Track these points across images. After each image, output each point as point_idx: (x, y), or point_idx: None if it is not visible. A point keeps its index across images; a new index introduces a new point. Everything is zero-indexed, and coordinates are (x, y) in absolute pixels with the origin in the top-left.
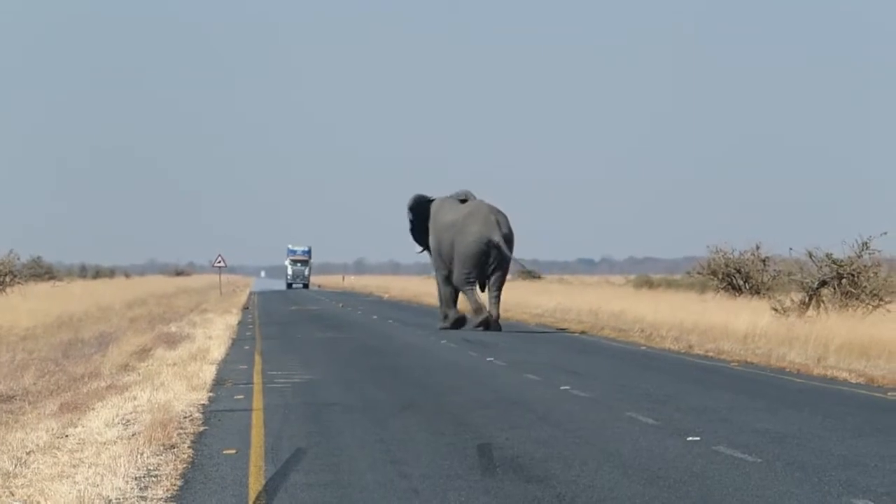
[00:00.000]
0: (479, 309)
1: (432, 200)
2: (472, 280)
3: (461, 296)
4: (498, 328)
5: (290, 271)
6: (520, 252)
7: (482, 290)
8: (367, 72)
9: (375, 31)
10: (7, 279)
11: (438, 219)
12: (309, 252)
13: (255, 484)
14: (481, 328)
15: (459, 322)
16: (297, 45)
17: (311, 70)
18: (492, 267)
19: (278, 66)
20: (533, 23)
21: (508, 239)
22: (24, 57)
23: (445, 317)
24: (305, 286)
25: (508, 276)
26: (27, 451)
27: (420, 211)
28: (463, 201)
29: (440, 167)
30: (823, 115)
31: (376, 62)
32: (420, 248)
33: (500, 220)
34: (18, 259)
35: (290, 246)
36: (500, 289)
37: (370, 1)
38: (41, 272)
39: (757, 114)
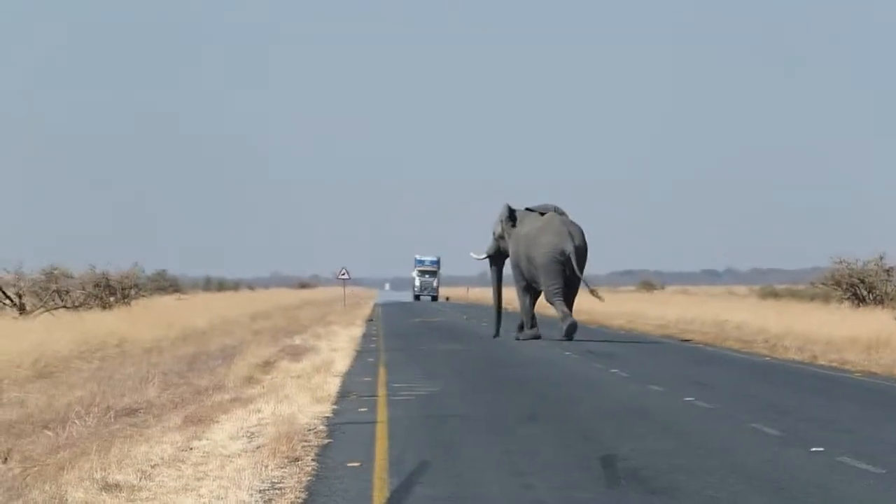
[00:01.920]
0: (564, 316)
1: (515, 211)
2: (557, 290)
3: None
4: (570, 338)
5: (417, 282)
6: (644, 263)
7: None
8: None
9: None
10: (132, 292)
11: (517, 230)
12: (438, 262)
13: (379, 496)
14: (566, 338)
15: (535, 337)
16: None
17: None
18: (566, 275)
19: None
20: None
21: (581, 251)
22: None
23: (522, 328)
24: (434, 298)
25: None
26: (152, 464)
27: (512, 222)
28: (543, 214)
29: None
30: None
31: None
32: (482, 256)
33: (574, 231)
34: (143, 272)
35: (417, 256)
36: (573, 297)
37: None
38: (165, 285)
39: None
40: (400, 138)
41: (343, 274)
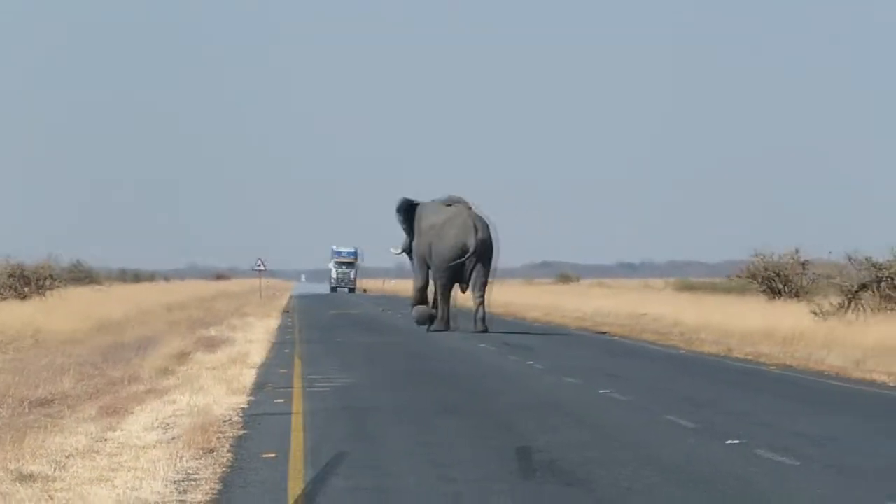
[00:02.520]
0: (444, 316)
1: (418, 204)
2: (447, 285)
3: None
4: (484, 328)
5: (334, 274)
6: (561, 256)
7: (463, 293)
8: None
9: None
10: (47, 283)
11: (421, 222)
12: (356, 254)
13: (295, 488)
14: (441, 331)
15: (427, 322)
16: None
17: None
18: (470, 269)
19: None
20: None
21: (486, 244)
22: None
23: (436, 319)
24: (351, 290)
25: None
26: (66, 454)
27: (409, 214)
28: (449, 206)
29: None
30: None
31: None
32: (399, 251)
33: (479, 225)
34: (59, 262)
35: (334, 247)
36: (482, 289)
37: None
38: (81, 276)
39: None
40: (321, 129)
41: (259, 265)
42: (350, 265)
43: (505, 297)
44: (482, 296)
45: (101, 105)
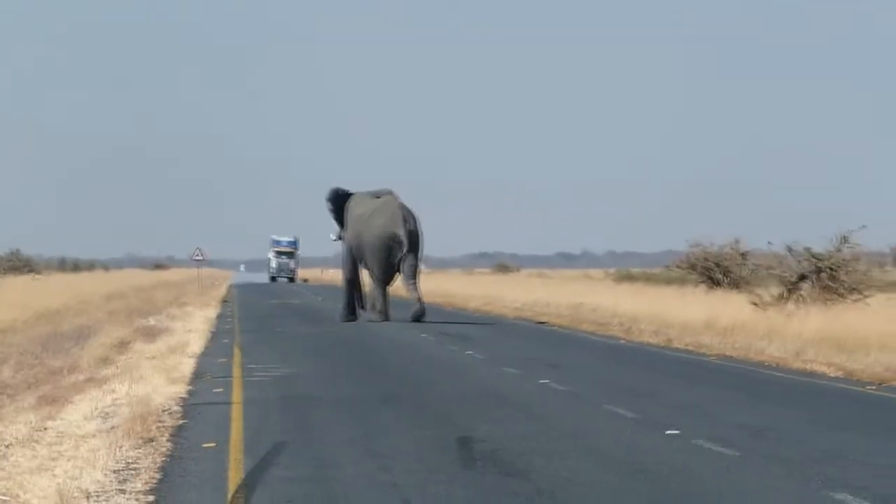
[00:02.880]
0: (377, 306)
1: (351, 194)
2: (378, 275)
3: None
4: (421, 313)
5: (273, 264)
6: (499, 246)
7: (392, 282)
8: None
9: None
10: None
11: (351, 212)
12: (296, 243)
13: (235, 477)
14: (377, 320)
15: (351, 320)
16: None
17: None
18: (398, 257)
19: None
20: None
21: (414, 235)
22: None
23: (373, 307)
24: (291, 280)
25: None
26: (6, 444)
27: (339, 203)
28: (377, 198)
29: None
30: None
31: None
32: (335, 237)
33: (407, 216)
34: None
35: (274, 236)
36: (413, 276)
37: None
38: (20, 265)
39: (745, 110)
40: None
41: (197, 255)
42: (290, 255)
43: (444, 287)
44: (415, 282)
45: (39, 92)
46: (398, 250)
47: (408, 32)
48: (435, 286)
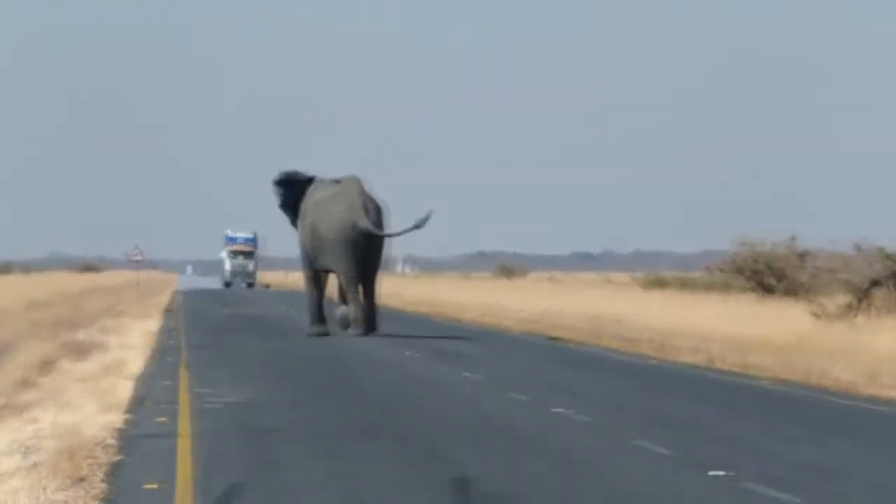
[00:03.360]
0: (350, 314)
1: (311, 179)
2: (344, 271)
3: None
4: (371, 328)
5: (228, 266)
6: (501, 244)
7: (360, 279)
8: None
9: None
10: None
11: (309, 198)
12: (254, 241)
13: None
14: (352, 332)
15: (323, 334)
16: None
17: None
18: (363, 251)
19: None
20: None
21: (377, 229)
22: None
23: (343, 317)
24: (250, 285)
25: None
26: None
27: (293, 189)
28: (337, 182)
29: (407, 142)
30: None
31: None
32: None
33: (370, 206)
34: None
35: (228, 232)
36: (372, 282)
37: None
38: None
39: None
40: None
41: (136, 254)
42: (248, 255)
43: (434, 293)
44: (372, 287)
45: None
46: (362, 244)
47: (409, 20)
48: (423, 293)
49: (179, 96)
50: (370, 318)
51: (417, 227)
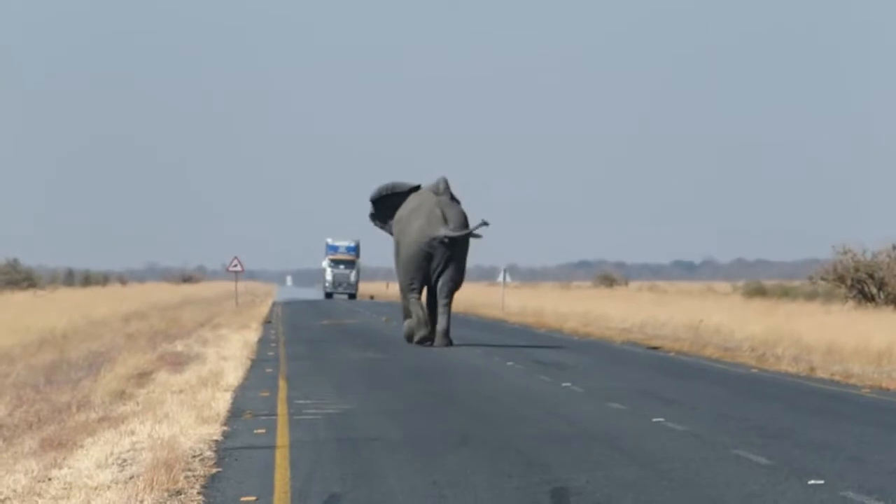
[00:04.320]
0: (420, 322)
1: (415, 188)
2: (414, 287)
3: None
4: (447, 342)
5: (329, 276)
6: (602, 253)
7: (430, 296)
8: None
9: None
10: None
11: (399, 212)
12: (357, 249)
13: None
14: (428, 343)
15: (422, 339)
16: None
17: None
18: (437, 270)
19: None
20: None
21: (459, 239)
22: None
23: (416, 329)
24: (352, 296)
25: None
26: (1, 497)
27: (388, 204)
28: (419, 192)
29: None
30: None
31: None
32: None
33: (449, 213)
34: None
35: (329, 241)
36: (449, 295)
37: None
38: (19, 278)
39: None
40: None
41: (235, 265)
42: (350, 264)
43: (535, 303)
44: (448, 303)
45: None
46: (440, 256)
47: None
48: (524, 302)
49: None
50: (447, 332)
51: (483, 225)
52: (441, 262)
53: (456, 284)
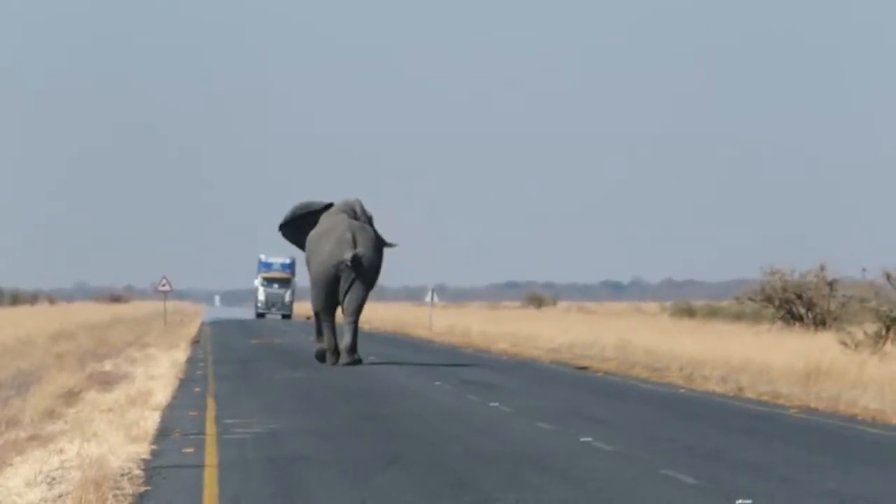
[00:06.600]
0: (329, 350)
1: (328, 206)
2: (325, 307)
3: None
4: (354, 359)
5: (262, 295)
6: (531, 274)
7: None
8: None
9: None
10: None
11: (312, 232)
12: (292, 267)
13: None
14: (334, 363)
15: (322, 356)
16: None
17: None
18: (344, 289)
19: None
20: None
21: (368, 260)
22: None
23: (325, 350)
24: (286, 316)
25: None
26: None
27: (303, 224)
28: (332, 213)
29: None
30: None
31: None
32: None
33: (360, 237)
34: None
35: (262, 257)
36: (355, 313)
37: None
38: None
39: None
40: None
41: (164, 285)
42: (285, 282)
43: (463, 323)
44: (354, 321)
45: None
46: (347, 278)
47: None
48: (452, 322)
49: (206, 124)
50: (353, 349)
51: (389, 246)
52: (348, 282)
53: (362, 302)
